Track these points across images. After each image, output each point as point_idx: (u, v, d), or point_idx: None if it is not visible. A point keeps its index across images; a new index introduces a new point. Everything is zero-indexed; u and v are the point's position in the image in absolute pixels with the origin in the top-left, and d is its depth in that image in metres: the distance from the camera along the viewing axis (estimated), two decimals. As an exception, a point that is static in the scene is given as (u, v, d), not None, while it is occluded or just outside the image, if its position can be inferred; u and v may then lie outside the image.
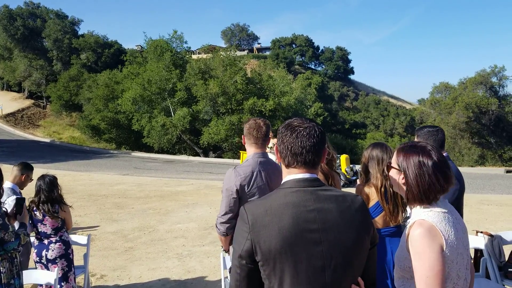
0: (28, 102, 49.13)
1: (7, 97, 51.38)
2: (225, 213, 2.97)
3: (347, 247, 1.63)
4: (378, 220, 3.08)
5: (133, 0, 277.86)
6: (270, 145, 10.29)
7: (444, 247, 1.71)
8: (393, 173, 1.93)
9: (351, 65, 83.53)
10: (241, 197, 2.95)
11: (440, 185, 1.80)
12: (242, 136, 3.27)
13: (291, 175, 1.74)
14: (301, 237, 1.59)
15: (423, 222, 1.76)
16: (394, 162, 1.93)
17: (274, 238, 1.57)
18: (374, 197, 3.09)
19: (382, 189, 3.04)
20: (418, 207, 1.84)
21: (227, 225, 3.05)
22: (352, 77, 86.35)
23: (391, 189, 2.98)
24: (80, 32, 51.55)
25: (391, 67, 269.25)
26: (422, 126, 3.62)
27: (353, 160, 17.29)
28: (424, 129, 3.47)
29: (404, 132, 58.34)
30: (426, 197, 1.81)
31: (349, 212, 1.67)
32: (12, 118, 42.60)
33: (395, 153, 1.96)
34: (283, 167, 1.80)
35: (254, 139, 3.13)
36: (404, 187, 1.87)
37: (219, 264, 4.18)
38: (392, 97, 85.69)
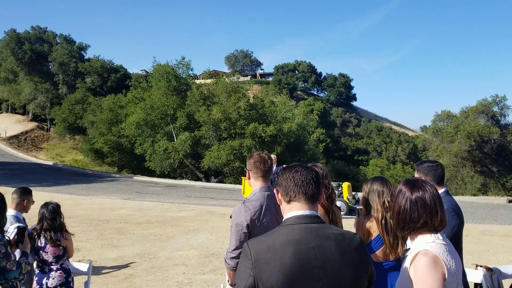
0: (32, 124, 49.52)
1: (11, 119, 51.83)
2: (236, 248, 2.97)
3: (345, 284, 1.68)
4: (379, 254, 3.10)
5: (139, 25, 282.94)
6: None
7: (446, 276, 1.81)
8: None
9: (353, 91, 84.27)
10: (250, 232, 2.96)
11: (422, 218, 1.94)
12: (246, 170, 3.27)
13: (292, 211, 1.81)
14: (302, 274, 1.64)
15: (428, 252, 1.85)
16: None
17: (276, 275, 1.63)
18: (375, 230, 3.13)
19: (383, 221, 3.08)
20: (420, 237, 1.96)
21: (237, 260, 3.06)
22: (354, 103, 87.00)
23: (391, 221, 3.02)
24: (86, 57, 52.41)
25: (393, 94, 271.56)
26: (422, 161, 3.68)
27: (356, 187, 17.28)
28: (424, 164, 3.53)
29: (407, 159, 58.31)
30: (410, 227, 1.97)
31: (348, 250, 1.73)
32: (16, 140, 42.84)
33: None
34: (284, 205, 1.88)
35: (262, 173, 3.15)
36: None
37: (219, 294, 4.16)
38: (395, 123, 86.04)
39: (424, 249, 1.87)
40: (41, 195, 11.21)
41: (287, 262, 1.65)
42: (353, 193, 15.57)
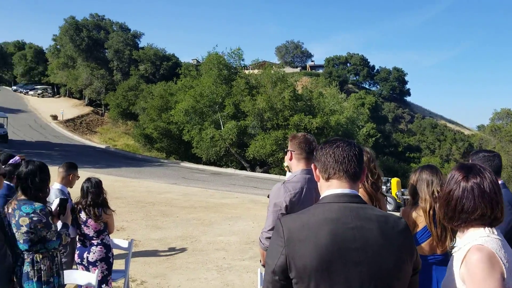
0: (88, 109, 51.72)
1: (69, 103, 54.37)
2: (272, 228, 2.87)
3: (387, 270, 1.51)
4: (425, 246, 2.90)
5: (191, 15, 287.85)
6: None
7: (505, 275, 1.56)
8: None
9: (407, 86, 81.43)
10: (289, 213, 2.86)
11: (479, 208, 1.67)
12: (288, 151, 3.12)
13: (330, 189, 1.66)
14: (339, 256, 1.49)
15: (482, 248, 1.61)
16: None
17: (310, 255, 1.49)
18: (421, 222, 2.93)
19: (431, 212, 2.86)
20: (471, 230, 1.70)
21: None
22: (408, 98, 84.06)
23: (439, 210, 2.80)
24: (140, 45, 53.91)
25: (450, 90, 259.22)
26: (477, 150, 3.40)
27: (405, 185, 16.68)
28: (479, 153, 3.24)
29: (461, 158, 55.81)
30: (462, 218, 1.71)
31: (391, 233, 1.56)
32: (72, 123, 44.87)
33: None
34: (322, 182, 1.73)
35: (306, 154, 3.01)
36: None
37: (258, 280, 4.06)
38: (450, 121, 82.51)
39: (477, 244, 1.63)
40: (92, 175, 11.66)
41: (323, 242, 1.49)
42: (402, 189, 15.06)
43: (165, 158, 31.36)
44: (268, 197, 3.08)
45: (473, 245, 1.64)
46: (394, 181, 14.87)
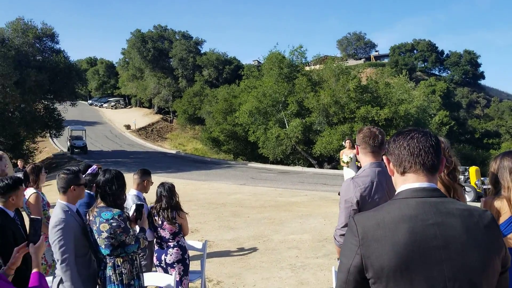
0: (157, 117, 54.13)
1: (140, 112, 57.23)
2: (345, 225, 2.82)
3: (473, 269, 1.39)
4: (511, 238, 2.66)
5: (249, 15, 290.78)
6: (346, 159, 9.98)
7: None
8: None
9: (481, 69, 76.34)
10: (361, 209, 2.79)
11: None
12: (356, 146, 3.10)
13: (406, 184, 1.55)
14: (419, 255, 1.39)
15: None
16: None
17: (387, 254, 1.40)
18: (505, 211, 2.69)
19: None
20: None
21: None
22: (482, 82, 78.77)
23: None
24: (202, 51, 55.39)
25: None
26: None
27: (485, 173, 15.64)
28: None
29: (547, 141, 51.45)
30: None
31: (476, 229, 1.44)
32: (144, 131, 47.18)
33: None
34: (397, 176, 1.62)
35: (371, 148, 2.95)
36: None
37: (332, 277, 3.98)
38: (531, 102, 76.28)
39: None
40: (165, 180, 12.13)
41: (401, 241, 1.40)
42: (482, 178, 14.12)
43: (232, 160, 31.95)
44: (339, 194, 3.02)
45: None
46: (473, 169, 13.98)
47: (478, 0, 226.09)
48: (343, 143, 10.99)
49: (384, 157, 1.70)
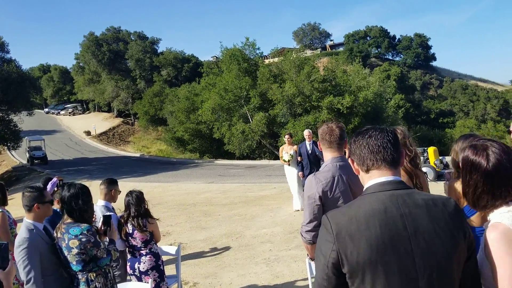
0: (118, 120, 52.98)
1: (99, 117, 55.85)
2: (310, 221, 2.88)
3: (441, 255, 1.48)
4: (475, 219, 2.79)
5: (206, 13, 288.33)
6: (286, 157, 9.59)
7: None
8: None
9: (432, 51, 78.83)
10: (324, 204, 2.86)
11: (498, 192, 1.61)
12: (318, 142, 3.17)
13: (372, 179, 1.63)
14: (391, 246, 1.46)
15: (497, 225, 1.57)
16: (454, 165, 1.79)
17: (361, 249, 1.47)
18: None
19: None
20: (494, 209, 1.65)
21: (313, 233, 2.95)
22: (434, 63, 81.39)
23: (468, 200, 2.70)
24: (159, 50, 54.52)
25: (477, 48, 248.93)
26: None
27: (442, 152, 16.28)
28: None
29: (498, 116, 53.91)
30: (481, 205, 1.67)
31: (441, 217, 1.52)
32: (105, 136, 46.09)
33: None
34: (362, 175, 1.70)
35: (328, 144, 3.02)
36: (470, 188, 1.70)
37: (307, 268, 4.08)
38: (481, 80, 79.53)
39: (494, 222, 1.59)
40: (132, 185, 11.92)
41: (373, 234, 1.47)
42: (440, 157, 14.68)
43: (199, 158, 31.77)
44: (303, 190, 3.08)
45: (491, 223, 1.61)
46: (431, 150, 14.49)
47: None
48: (284, 138, 10.48)
49: (349, 159, 1.76)
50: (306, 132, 9.46)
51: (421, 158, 2.91)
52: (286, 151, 9.70)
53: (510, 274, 1.48)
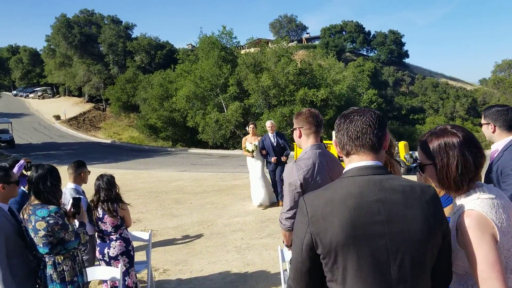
0: (89, 106, 51.74)
1: (69, 102, 54.41)
2: (290, 208, 2.87)
3: (414, 242, 1.49)
4: (449, 210, 2.85)
5: (182, 1, 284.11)
6: (250, 147, 9.02)
7: (498, 237, 1.55)
8: (428, 170, 1.74)
9: (405, 48, 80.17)
10: (305, 191, 2.85)
11: (472, 164, 1.64)
12: (298, 129, 3.04)
13: (352, 163, 1.63)
14: (364, 230, 1.47)
15: (471, 212, 1.59)
16: (421, 156, 1.77)
17: (335, 231, 1.47)
18: None
19: None
20: (462, 196, 1.68)
21: (293, 220, 2.94)
22: (407, 60, 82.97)
23: (442, 185, 2.75)
24: (133, 36, 53.39)
25: (448, 47, 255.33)
26: (490, 105, 3.31)
27: (412, 147, 16.61)
28: (492, 108, 3.16)
29: (466, 114, 55.47)
30: (462, 182, 1.66)
31: (417, 203, 1.52)
32: (75, 121, 44.97)
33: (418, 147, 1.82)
34: (344, 158, 1.69)
35: (315, 128, 2.99)
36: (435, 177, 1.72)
37: (278, 256, 4.09)
38: (451, 78, 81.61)
39: (467, 209, 1.61)
40: (102, 171, 11.76)
41: (347, 217, 1.47)
42: (410, 152, 15.02)
43: (171, 147, 31.43)
44: (281, 179, 3.07)
45: (463, 210, 1.63)
46: (402, 144, 14.80)
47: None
48: (247, 128, 9.75)
49: (333, 141, 1.76)
50: (269, 124, 9.05)
51: (396, 148, 2.94)
52: (250, 141, 9.17)
53: (486, 259, 1.51)
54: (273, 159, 8.81)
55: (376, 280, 1.47)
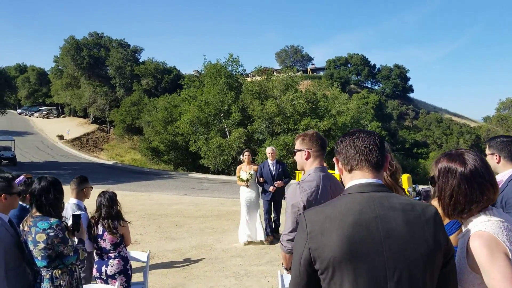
0: (93, 127, 52.06)
1: (74, 122, 54.77)
2: (292, 230, 2.82)
3: (413, 260, 1.47)
4: (454, 239, 2.80)
5: (190, 27, 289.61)
6: (245, 176, 8.17)
7: (510, 256, 1.53)
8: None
9: (410, 83, 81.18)
10: None
11: (465, 198, 1.66)
12: (306, 150, 2.97)
13: (354, 180, 1.64)
14: (362, 246, 1.47)
15: (481, 233, 1.59)
16: (432, 172, 1.82)
17: (333, 246, 1.47)
18: None
19: None
20: (472, 218, 1.68)
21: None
22: (411, 95, 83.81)
23: (442, 208, 2.72)
24: (141, 60, 54.22)
25: (453, 84, 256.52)
26: (495, 136, 3.31)
27: (415, 181, 16.56)
28: (497, 139, 3.16)
29: (469, 151, 55.38)
30: (449, 211, 1.70)
31: (417, 222, 1.51)
32: (78, 142, 45.16)
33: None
34: (345, 175, 1.70)
35: (323, 151, 2.99)
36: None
37: (277, 284, 4.01)
38: (455, 115, 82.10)
39: (478, 230, 1.61)
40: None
41: (345, 233, 1.47)
42: (414, 185, 14.93)
43: (173, 170, 31.41)
44: (284, 199, 3.04)
45: (473, 232, 1.63)
46: (405, 177, 14.61)
47: (406, 18, 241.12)
48: (241, 156, 8.87)
49: (334, 158, 1.76)
50: (269, 150, 8.41)
51: (400, 173, 2.90)
52: (245, 170, 8.37)
53: (504, 275, 1.49)
54: (271, 188, 8.15)
55: None
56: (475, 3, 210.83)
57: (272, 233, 8.46)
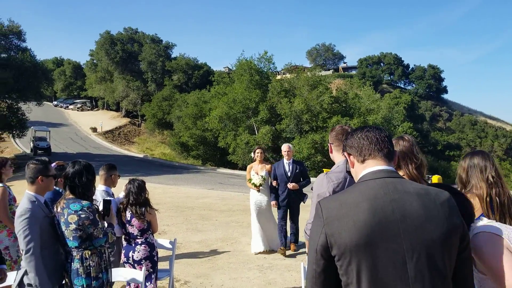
0: (125, 120, 53.19)
1: (107, 115, 56.12)
2: None
3: (430, 242, 1.50)
4: None
5: (221, 23, 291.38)
6: (257, 181, 7.21)
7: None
8: None
9: (444, 83, 79.16)
10: None
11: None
12: (329, 144, 3.18)
13: (367, 168, 1.68)
14: (379, 230, 1.49)
15: (483, 233, 1.74)
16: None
17: (349, 232, 1.50)
18: (477, 209, 2.76)
19: (487, 199, 2.71)
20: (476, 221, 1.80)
21: None
22: (445, 96, 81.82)
23: (497, 198, 2.65)
24: (173, 55, 54.96)
25: (490, 85, 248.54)
26: None
27: (446, 182, 16.22)
28: None
29: (504, 155, 53.76)
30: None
31: (432, 205, 1.54)
32: (111, 135, 46.25)
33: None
34: (357, 166, 1.74)
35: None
36: None
37: (300, 278, 4.04)
38: (490, 117, 79.56)
39: (479, 231, 1.73)
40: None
41: (361, 218, 1.50)
42: (443, 186, 14.62)
43: (201, 165, 31.74)
44: (311, 189, 3.07)
45: (474, 233, 1.75)
46: (435, 177, 14.40)
47: (443, 17, 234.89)
48: (252, 154, 7.73)
49: (345, 153, 1.80)
50: (285, 147, 7.23)
51: (426, 168, 2.85)
52: (256, 171, 7.35)
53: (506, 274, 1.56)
54: (273, 203, 7.18)
55: (393, 279, 1.47)
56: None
57: (287, 245, 7.32)
